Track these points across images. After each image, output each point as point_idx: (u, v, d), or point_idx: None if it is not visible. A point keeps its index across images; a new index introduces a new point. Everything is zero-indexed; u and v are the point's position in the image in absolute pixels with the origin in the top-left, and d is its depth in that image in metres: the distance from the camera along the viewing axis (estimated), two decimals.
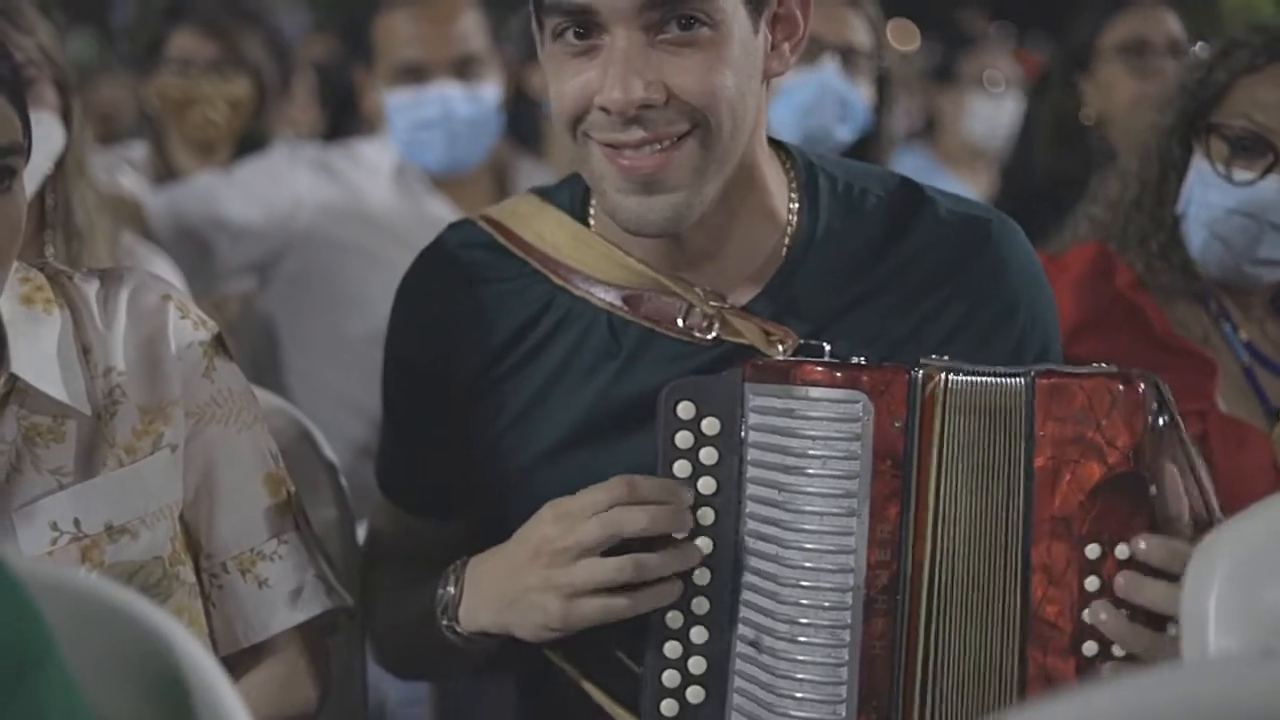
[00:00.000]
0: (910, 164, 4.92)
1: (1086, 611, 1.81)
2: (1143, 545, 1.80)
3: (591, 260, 2.02)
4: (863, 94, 3.70)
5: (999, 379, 1.84)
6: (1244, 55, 2.47)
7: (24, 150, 1.88)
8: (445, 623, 1.97)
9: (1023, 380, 1.82)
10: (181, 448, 1.95)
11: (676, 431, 1.88)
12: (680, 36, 1.86)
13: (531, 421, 2.01)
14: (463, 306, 2.05)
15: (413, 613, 2.04)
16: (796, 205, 2.02)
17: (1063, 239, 2.67)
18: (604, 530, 1.85)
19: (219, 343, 2.00)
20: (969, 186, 4.94)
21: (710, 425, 1.88)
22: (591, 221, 2.05)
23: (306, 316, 3.61)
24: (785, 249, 2.01)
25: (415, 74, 3.63)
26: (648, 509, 1.85)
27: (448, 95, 3.60)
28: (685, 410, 1.88)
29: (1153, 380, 1.83)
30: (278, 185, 3.63)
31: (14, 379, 1.89)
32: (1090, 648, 1.81)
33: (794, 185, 2.03)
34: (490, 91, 3.65)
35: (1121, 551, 1.81)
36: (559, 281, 2.02)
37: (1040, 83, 4.23)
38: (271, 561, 1.98)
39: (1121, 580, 1.80)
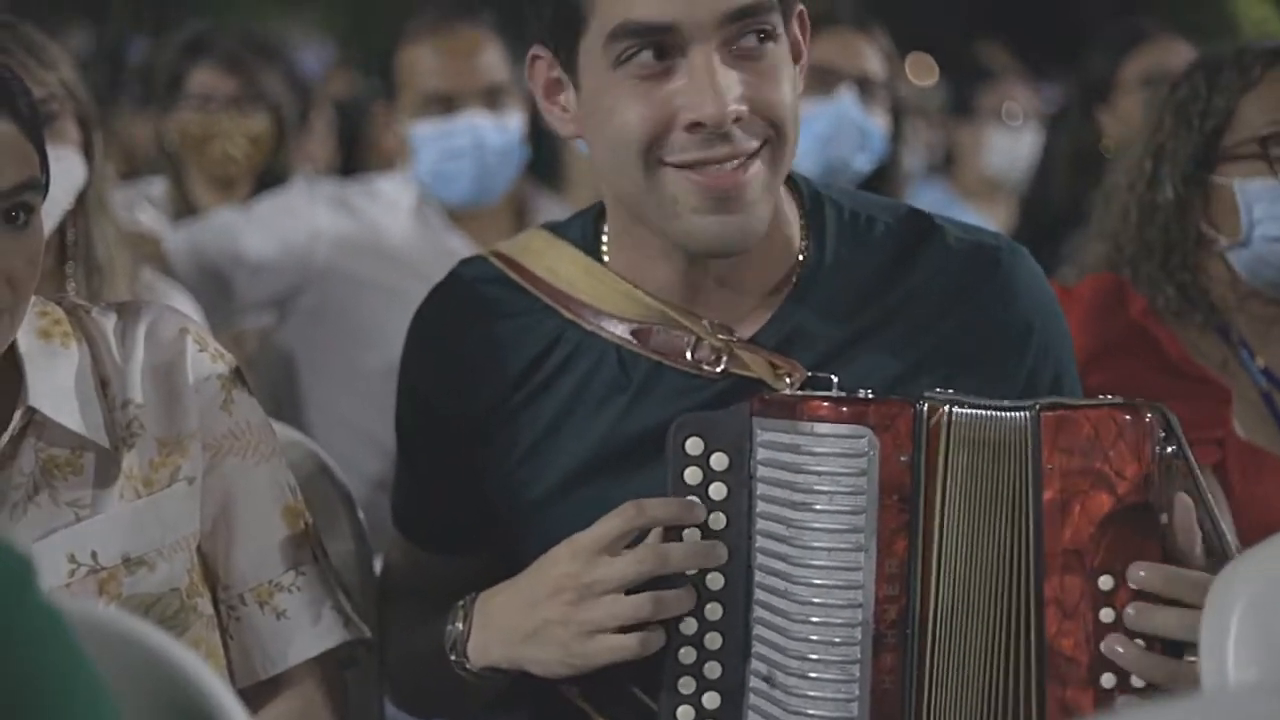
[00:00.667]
0: (929, 197, 4.92)
1: (1103, 643, 1.80)
2: (1142, 574, 1.79)
3: (603, 294, 2.02)
4: (879, 123, 3.71)
5: (1003, 413, 1.83)
6: (1233, 75, 2.46)
7: (41, 186, 1.88)
8: (454, 659, 1.97)
9: (1027, 414, 1.82)
10: (199, 480, 1.95)
11: (685, 467, 1.88)
12: (753, 50, 1.87)
13: (543, 455, 2.02)
14: (474, 341, 2.06)
15: (423, 649, 2.04)
16: (804, 234, 2.02)
17: (1074, 269, 2.66)
18: (638, 569, 1.85)
19: (237, 375, 2.00)
20: (988, 219, 4.93)
21: (719, 460, 1.88)
22: (605, 256, 2.05)
23: (325, 351, 3.62)
24: (794, 278, 2.01)
25: (444, 104, 3.63)
26: (678, 549, 1.86)
27: (477, 125, 3.60)
28: (694, 446, 1.88)
29: (1159, 410, 1.83)
30: (296, 220, 3.64)
31: (32, 411, 1.89)
32: (1108, 679, 1.80)
33: (801, 214, 2.04)
34: (515, 122, 3.65)
35: (1135, 581, 1.80)
36: (570, 316, 2.02)
37: (1058, 116, 4.23)
38: (289, 593, 1.98)
39: (1131, 611, 1.80)
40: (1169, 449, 1.82)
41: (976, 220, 4.74)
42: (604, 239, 2.06)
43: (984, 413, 1.84)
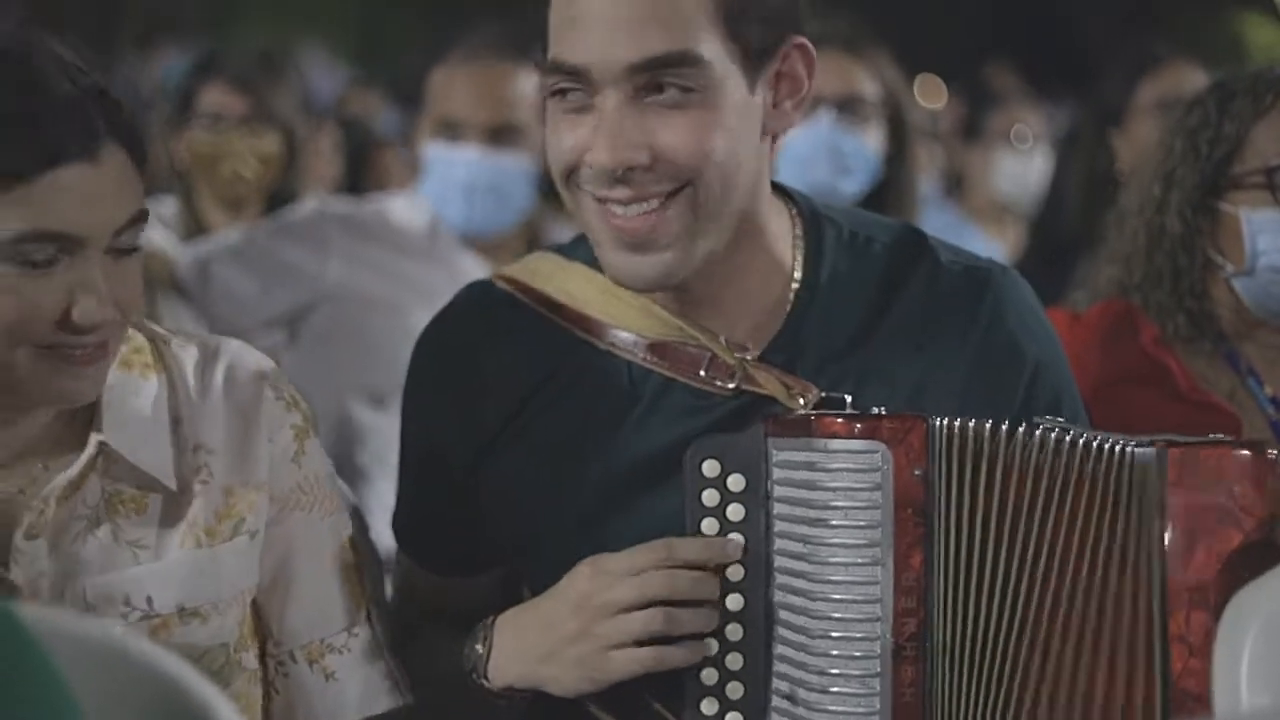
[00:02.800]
0: (939, 221, 4.91)
1: None
2: None
3: (619, 311, 2.02)
4: (869, 144, 3.67)
5: (1126, 447, 1.83)
6: (1246, 102, 2.45)
7: (146, 214, 1.85)
8: (476, 680, 1.97)
9: (1153, 450, 1.82)
10: (261, 533, 1.93)
11: (703, 489, 1.90)
12: (670, 99, 1.89)
13: (552, 475, 2.02)
14: (478, 364, 2.06)
15: (444, 672, 2.03)
16: (801, 253, 2.03)
17: (1085, 293, 2.66)
18: (639, 594, 1.87)
19: (309, 424, 1.98)
20: (997, 243, 4.93)
21: (736, 482, 1.89)
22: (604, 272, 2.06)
23: (334, 370, 3.61)
24: (791, 297, 2.02)
25: (450, 130, 3.63)
26: (685, 576, 1.87)
27: (471, 160, 3.59)
28: (711, 468, 1.90)
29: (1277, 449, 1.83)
30: (306, 240, 3.64)
31: (104, 445, 1.86)
32: None
33: (798, 233, 2.04)
34: (522, 161, 3.62)
35: None
36: (582, 334, 2.03)
37: (1068, 139, 4.23)
38: (340, 655, 1.97)
39: None
40: None
41: (985, 243, 4.75)
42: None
43: (1097, 443, 1.84)
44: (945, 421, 1.85)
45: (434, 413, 2.10)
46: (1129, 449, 1.83)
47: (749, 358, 1.98)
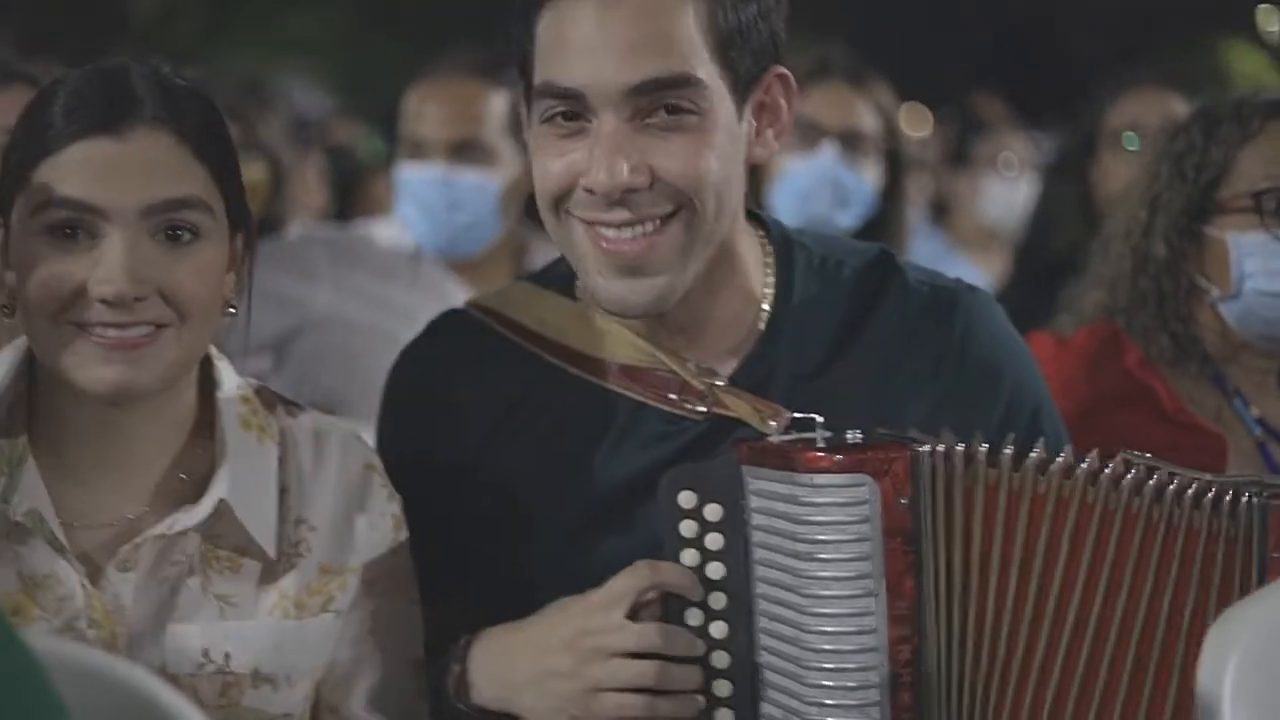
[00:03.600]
0: (926, 248, 4.91)
1: None
2: None
3: (594, 338, 2.03)
4: (867, 178, 3.68)
5: (1238, 497, 1.83)
6: (1232, 128, 2.47)
7: (206, 207, 1.83)
8: (450, 699, 1.97)
9: (1255, 500, 1.82)
10: (345, 613, 1.94)
11: (680, 521, 1.90)
12: (667, 121, 1.90)
13: (527, 501, 2.02)
14: (451, 391, 2.07)
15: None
16: (772, 278, 2.04)
17: (1071, 317, 2.67)
18: (637, 644, 1.87)
19: (404, 516, 1.99)
20: (983, 269, 4.94)
21: (713, 511, 1.89)
22: (578, 299, 2.06)
23: (320, 396, 3.60)
24: (763, 322, 2.02)
25: (418, 150, 3.63)
26: (685, 637, 1.88)
27: (436, 176, 3.59)
28: (687, 499, 1.90)
29: None
30: (294, 265, 3.64)
31: (222, 503, 1.86)
32: None
33: (769, 258, 2.05)
34: (487, 178, 3.61)
35: None
36: (555, 361, 2.04)
37: (1055, 165, 4.24)
38: None
39: None
40: None
41: (971, 270, 4.76)
42: (577, 284, 2.06)
43: (1204, 493, 1.84)
44: (928, 448, 1.85)
45: (407, 439, 2.10)
46: (1129, 472, 1.84)
47: (718, 382, 1.99)
